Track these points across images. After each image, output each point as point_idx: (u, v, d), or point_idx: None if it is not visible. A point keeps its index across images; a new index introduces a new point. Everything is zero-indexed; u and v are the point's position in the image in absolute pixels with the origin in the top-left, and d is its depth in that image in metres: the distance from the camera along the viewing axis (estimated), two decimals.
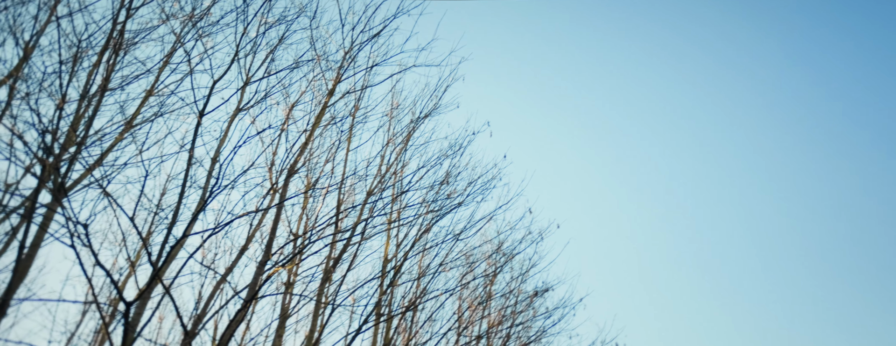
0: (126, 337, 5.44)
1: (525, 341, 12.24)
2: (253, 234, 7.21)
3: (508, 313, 11.80)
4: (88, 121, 7.69)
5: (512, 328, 11.68)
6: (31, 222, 6.43)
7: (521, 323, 12.20)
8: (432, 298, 8.93)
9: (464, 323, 9.89)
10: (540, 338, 12.41)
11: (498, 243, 11.47)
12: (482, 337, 10.90)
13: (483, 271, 10.92)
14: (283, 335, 7.00)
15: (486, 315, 11.07)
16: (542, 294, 13.01)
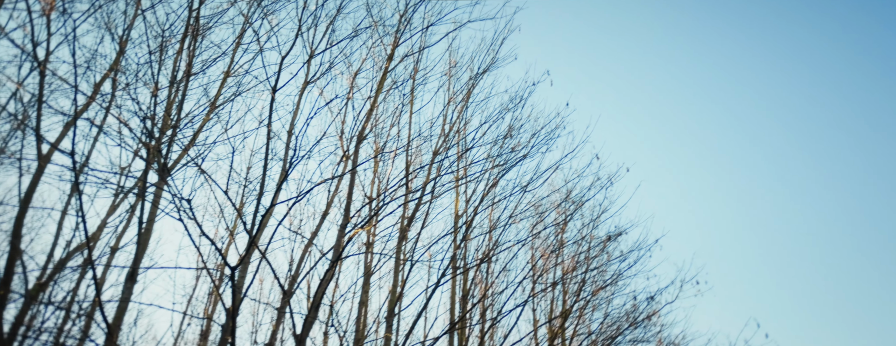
0: (234, 297, 6.10)
1: (601, 284, 12.40)
2: (331, 199, 7.70)
3: (582, 259, 11.96)
4: (179, 105, 8.34)
5: (586, 273, 11.85)
6: (145, 199, 7.20)
7: (596, 268, 12.33)
8: (505, 249, 9.23)
9: (538, 271, 10.18)
10: (616, 281, 12.52)
11: (566, 191, 11.52)
12: (557, 283, 11.19)
13: (553, 220, 11.07)
14: (369, 291, 7.57)
15: (560, 262, 11.30)
16: (614, 239, 13.02)
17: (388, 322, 7.29)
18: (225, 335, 5.99)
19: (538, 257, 10.42)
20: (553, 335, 10.93)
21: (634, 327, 11.84)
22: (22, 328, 6.06)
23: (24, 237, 6.44)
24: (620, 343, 12.07)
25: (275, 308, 7.44)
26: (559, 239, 11.21)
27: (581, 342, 11.89)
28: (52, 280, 6.52)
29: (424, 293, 7.63)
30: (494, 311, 9.24)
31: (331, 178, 7.38)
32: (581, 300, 11.28)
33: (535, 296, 10.57)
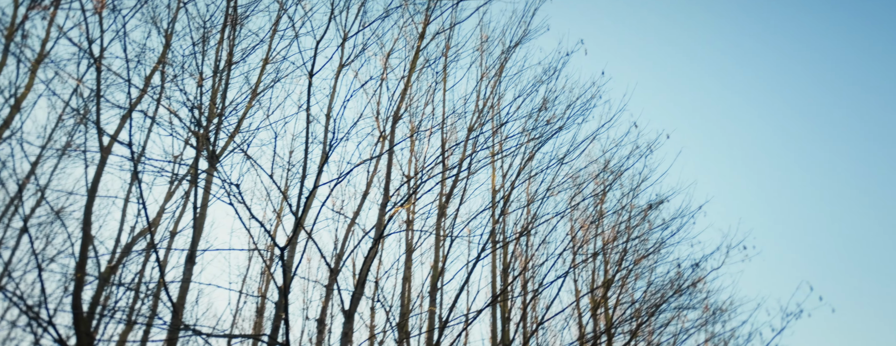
0: (285, 276, 6.44)
1: (643, 253, 12.33)
2: (371, 179, 7.92)
3: (622, 228, 11.90)
4: (223, 93, 8.67)
5: (628, 243, 11.80)
6: (197, 185, 7.60)
7: (637, 237, 12.24)
8: (543, 222, 9.30)
9: (578, 243, 10.22)
10: (658, 249, 12.40)
11: (604, 161, 11.40)
12: (598, 254, 11.20)
13: (592, 191, 11.01)
14: (411, 267, 7.81)
15: (600, 233, 11.29)
16: (656, 207, 12.85)
17: (432, 297, 7.54)
18: (279, 311, 6.35)
19: (578, 228, 10.44)
20: (596, 305, 11.01)
21: (679, 294, 11.76)
22: (98, 308, 6.59)
23: (93, 224, 6.94)
24: (665, 311, 12.01)
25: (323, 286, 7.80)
26: (599, 210, 11.18)
27: (624, 311, 11.94)
28: (121, 263, 7.04)
29: (465, 267, 7.82)
30: (535, 283, 9.38)
31: (369, 158, 7.58)
32: (623, 269, 11.27)
33: (575, 267, 10.64)
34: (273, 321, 6.26)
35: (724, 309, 13.29)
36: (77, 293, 6.43)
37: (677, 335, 12.18)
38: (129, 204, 7.69)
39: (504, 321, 8.59)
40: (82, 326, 6.23)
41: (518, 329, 8.70)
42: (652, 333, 12.49)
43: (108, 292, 6.80)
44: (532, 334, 8.89)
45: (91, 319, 6.33)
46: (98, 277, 6.68)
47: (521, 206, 9.08)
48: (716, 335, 13.16)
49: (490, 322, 8.70)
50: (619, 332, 11.34)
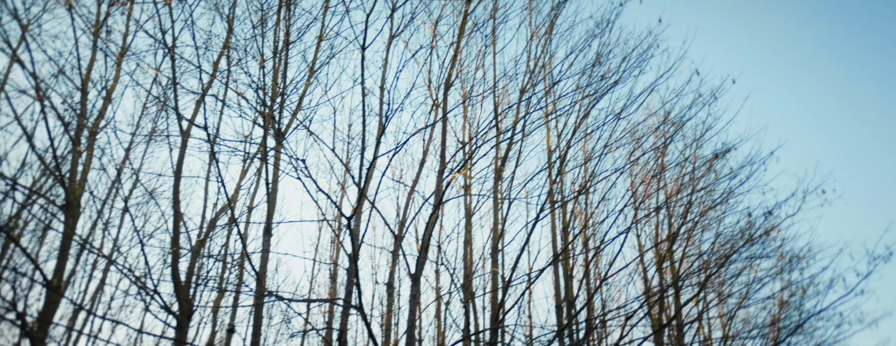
0: (353, 244, 6.76)
1: (709, 204, 11.87)
2: (427, 147, 8.02)
3: (686, 180, 11.46)
4: (283, 73, 8.96)
5: (692, 195, 11.37)
6: (267, 162, 8.01)
7: (703, 188, 11.76)
8: (602, 179, 9.12)
9: (639, 198, 9.97)
10: (726, 199, 11.89)
11: (664, 113, 10.90)
12: (661, 208, 10.90)
13: (651, 144, 10.61)
14: (471, 230, 7.95)
15: (662, 187, 10.94)
16: (722, 156, 12.24)
17: (493, 258, 7.67)
18: (350, 277, 6.70)
19: (638, 183, 10.17)
20: (661, 259, 10.81)
21: (751, 244, 11.30)
22: (193, 277, 7.21)
23: (181, 203, 7.51)
24: (736, 261, 11.61)
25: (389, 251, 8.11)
26: (660, 163, 10.79)
27: (692, 264, 11.65)
28: (208, 237, 7.62)
29: (525, 228, 7.85)
30: (597, 240, 9.31)
31: (424, 127, 7.66)
32: (688, 222, 10.93)
33: (638, 222, 10.42)
34: (346, 286, 6.62)
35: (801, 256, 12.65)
36: (174, 264, 7.06)
37: (750, 285, 11.77)
38: (209, 183, 8.23)
39: (567, 278, 8.63)
40: (182, 293, 6.87)
41: (581, 286, 8.73)
42: (722, 284, 12.15)
43: (199, 263, 7.41)
44: (596, 290, 8.90)
45: (188, 287, 6.96)
46: (190, 250, 7.28)
47: (578, 164, 8.92)
48: (793, 283, 12.58)
49: (552, 280, 8.77)
50: (686, 285, 11.12)
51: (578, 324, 8.73)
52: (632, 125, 10.19)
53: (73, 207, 7.64)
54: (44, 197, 8.12)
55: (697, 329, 11.61)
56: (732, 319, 11.72)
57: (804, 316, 11.65)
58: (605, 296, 9.64)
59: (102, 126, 8.92)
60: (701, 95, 11.00)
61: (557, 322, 8.59)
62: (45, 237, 8.73)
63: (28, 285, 7.82)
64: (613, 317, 9.66)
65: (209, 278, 7.38)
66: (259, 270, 6.78)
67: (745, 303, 11.58)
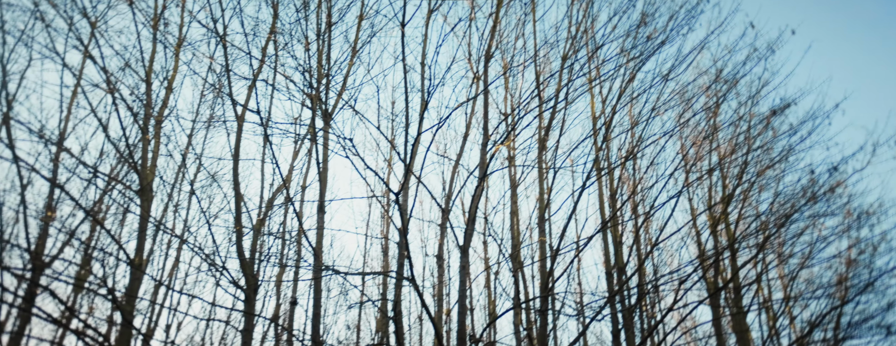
0: (402, 218, 6.86)
1: (767, 163, 11.25)
2: (469, 121, 7.94)
3: (741, 140, 10.86)
4: (327, 54, 9.03)
5: (748, 155, 10.79)
6: (317, 143, 8.18)
7: (759, 147, 11.14)
8: (650, 143, 8.79)
9: (689, 161, 9.56)
10: (786, 157, 11.23)
11: (716, 71, 10.27)
12: (714, 170, 10.42)
13: (702, 105, 10.08)
14: (517, 201, 7.88)
15: (715, 148, 10.42)
16: (780, 112, 11.50)
17: (540, 227, 7.61)
18: (401, 250, 6.83)
19: (689, 146, 9.72)
20: (715, 222, 10.41)
21: (813, 202, 10.69)
22: (256, 254, 7.57)
23: (241, 184, 7.83)
24: (797, 221, 11.02)
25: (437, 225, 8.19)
26: (712, 124, 10.25)
27: (748, 225, 11.17)
28: (267, 216, 7.94)
29: (571, 197, 7.73)
30: (646, 206, 9.04)
31: (466, 101, 7.56)
32: (744, 182, 10.42)
33: (689, 186, 10.03)
34: (397, 259, 6.76)
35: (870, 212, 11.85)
36: (239, 242, 7.41)
37: (813, 245, 11.17)
38: (264, 164, 8.51)
39: (616, 244, 8.47)
40: (247, 269, 7.24)
41: (631, 252, 8.55)
42: (782, 244, 11.60)
43: (261, 240, 7.76)
44: (647, 255, 8.70)
45: (253, 263, 7.31)
46: (252, 228, 7.62)
47: (625, 130, 8.61)
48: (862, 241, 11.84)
49: (602, 247, 8.63)
50: (743, 247, 10.70)
51: (630, 290, 8.59)
52: (681, 86, 9.70)
53: (146, 191, 8.11)
54: (121, 183, 8.66)
55: (756, 291, 11.19)
56: (794, 279, 11.21)
57: (875, 274, 10.97)
58: (656, 261, 9.42)
59: (166, 115, 9.34)
60: (756, 50, 10.28)
61: (608, 288, 8.49)
62: (125, 220, 9.37)
63: (114, 263, 8.45)
64: (666, 282, 9.45)
65: (271, 255, 7.75)
66: (316, 246, 7.02)
67: (809, 263, 11.03)
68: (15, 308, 7.70)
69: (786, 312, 11.27)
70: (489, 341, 8.32)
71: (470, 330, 8.80)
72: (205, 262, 7.19)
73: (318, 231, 7.11)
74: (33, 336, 6.91)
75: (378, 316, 9.24)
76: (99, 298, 8.45)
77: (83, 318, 7.63)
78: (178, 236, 7.60)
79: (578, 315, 8.27)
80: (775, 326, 11.05)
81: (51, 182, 8.57)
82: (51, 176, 8.71)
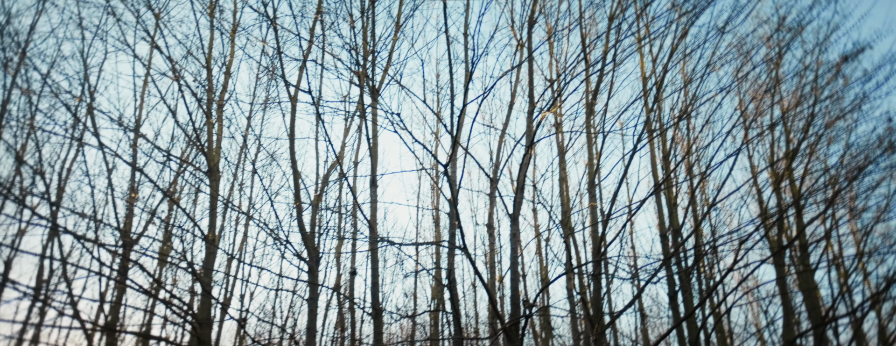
0: (451, 189, 6.85)
1: (837, 114, 10.36)
2: (515, 89, 7.71)
3: (807, 91, 10.00)
4: (372, 31, 8.97)
5: (815, 106, 9.95)
6: (366, 119, 8.22)
7: (828, 97, 10.25)
8: (705, 101, 8.26)
9: (748, 117, 8.93)
10: (859, 106, 10.29)
11: (778, 19, 9.42)
12: (776, 124, 9.69)
13: (763, 56, 9.31)
14: (566, 168, 7.65)
15: (777, 101, 9.65)
16: (853, 58, 10.47)
17: (590, 193, 7.39)
18: (452, 220, 6.85)
19: (748, 101, 9.06)
20: (778, 179, 9.77)
21: (890, 152, 9.82)
22: (316, 228, 7.83)
23: (297, 162, 8.05)
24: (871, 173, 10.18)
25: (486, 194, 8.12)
26: (773, 76, 9.47)
27: (815, 180, 10.42)
28: (323, 192, 8.15)
29: (622, 161, 7.44)
30: (702, 166, 8.58)
31: (510, 69, 7.33)
32: (810, 136, 9.67)
33: (748, 143, 9.40)
34: (449, 229, 6.80)
35: None
36: (299, 217, 7.68)
37: (890, 197, 10.32)
38: (318, 142, 8.67)
39: (671, 207, 8.13)
40: (309, 242, 7.51)
41: (687, 214, 8.19)
42: (854, 199, 10.79)
43: (319, 215, 8.00)
44: (704, 217, 8.31)
45: (313, 236, 7.57)
46: (310, 203, 7.85)
47: (677, 89, 8.11)
48: None
49: (655, 210, 8.31)
50: (809, 203, 10.02)
51: (686, 252, 8.28)
52: (738, 39, 8.97)
53: (214, 172, 8.49)
54: (191, 165, 9.11)
55: (825, 248, 10.53)
56: (869, 234, 10.45)
57: None
58: (714, 222, 9.00)
59: (227, 99, 9.65)
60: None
61: (663, 251, 8.22)
62: (197, 199, 9.90)
63: (191, 239, 9.00)
64: (725, 242, 9.04)
65: (329, 228, 7.99)
66: (370, 218, 7.16)
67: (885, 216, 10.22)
68: (112, 280, 8.40)
69: (859, 268, 10.56)
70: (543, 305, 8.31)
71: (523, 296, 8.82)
72: (270, 236, 7.51)
73: (371, 204, 7.23)
74: (129, 305, 7.53)
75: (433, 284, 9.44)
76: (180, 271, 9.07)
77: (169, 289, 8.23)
78: (245, 213, 7.96)
79: (633, 278, 8.09)
80: (847, 283, 10.40)
81: (132, 166, 9.14)
82: (131, 160, 9.28)
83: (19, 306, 9.93)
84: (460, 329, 6.58)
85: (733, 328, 10.55)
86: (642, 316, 9.72)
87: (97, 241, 7.95)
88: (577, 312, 8.12)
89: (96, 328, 7.47)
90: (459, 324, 6.57)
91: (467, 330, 9.72)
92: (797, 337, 9.03)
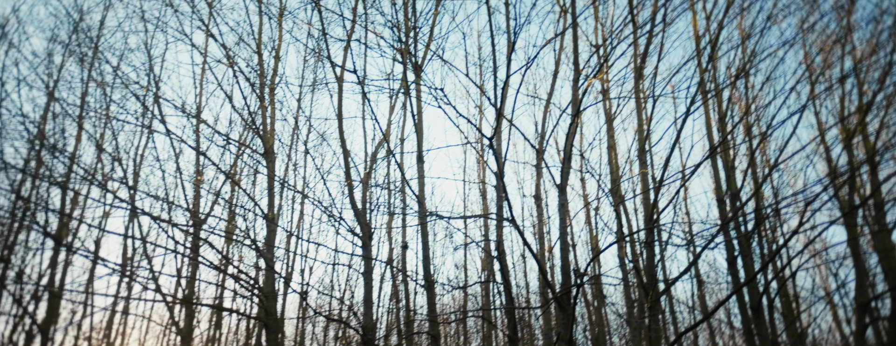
0: (497, 162, 6.74)
1: None
2: (559, 58, 7.38)
3: (884, 38, 9.01)
4: (413, 6, 8.80)
5: (893, 53, 8.97)
6: (410, 95, 8.16)
7: None
8: (765, 57, 7.63)
9: (815, 70, 8.18)
10: None
11: None
12: (847, 76, 8.83)
13: (832, 4, 8.42)
14: (614, 135, 7.32)
15: (849, 52, 8.76)
16: None
17: (641, 159, 7.07)
18: (499, 192, 6.76)
19: (815, 53, 8.27)
20: (849, 135, 8.97)
21: None
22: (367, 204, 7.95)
23: (346, 141, 8.14)
24: None
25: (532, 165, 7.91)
26: (844, 25, 8.57)
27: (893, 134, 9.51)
28: (372, 169, 8.23)
29: (674, 125, 7.04)
30: (762, 126, 7.98)
31: (553, 37, 7.00)
32: (887, 86, 8.77)
33: (815, 98, 8.65)
34: (496, 202, 6.71)
35: None
36: (351, 194, 7.81)
37: None
38: (365, 121, 8.71)
39: (728, 170, 7.66)
40: (361, 218, 7.65)
41: (746, 176, 7.70)
42: None
43: (369, 192, 8.11)
44: (765, 178, 7.79)
45: (365, 213, 7.71)
46: (361, 181, 7.96)
47: (734, 46, 7.51)
48: None
49: (711, 174, 7.86)
50: (886, 159, 9.20)
51: (745, 216, 7.83)
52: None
53: (270, 153, 8.74)
54: (248, 147, 9.42)
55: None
56: None
57: None
58: (776, 183, 8.42)
59: (278, 82, 9.83)
60: None
61: (720, 216, 7.81)
62: (256, 180, 10.28)
63: (253, 218, 9.39)
64: (789, 204, 8.47)
65: (379, 204, 8.11)
66: (419, 193, 7.18)
67: None
68: (186, 257, 8.95)
69: None
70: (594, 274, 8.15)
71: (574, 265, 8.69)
72: (324, 213, 7.71)
73: (419, 180, 7.23)
74: (202, 280, 8.01)
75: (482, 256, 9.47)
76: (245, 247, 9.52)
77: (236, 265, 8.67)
78: (300, 192, 8.18)
79: (688, 245, 7.77)
80: None
81: (196, 151, 9.56)
82: (195, 145, 9.70)
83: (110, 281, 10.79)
84: (512, 299, 6.57)
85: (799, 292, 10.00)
86: (699, 283, 9.37)
87: (171, 221, 8.43)
88: (629, 280, 7.92)
89: (176, 300, 8.01)
90: (510, 294, 6.56)
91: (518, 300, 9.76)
92: (872, 300, 8.44)
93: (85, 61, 11.31)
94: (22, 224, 10.05)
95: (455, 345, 11.51)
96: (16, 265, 9.67)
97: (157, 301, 7.67)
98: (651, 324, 6.30)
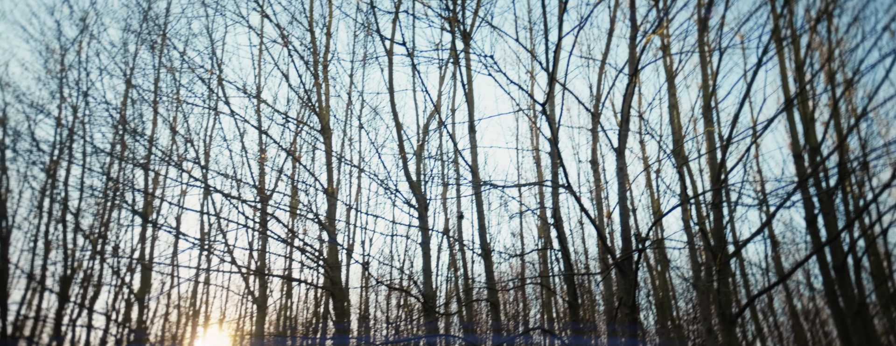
0: (551, 128, 6.43)
1: None
2: (614, 15, 6.82)
3: None
4: None
5: None
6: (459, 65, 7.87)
7: None
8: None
9: None
10: None
11: None
12: None
13: None
14: (676, 93, 6.75)
15: None
16: None
17: (706, 117, 6.49)
18: (553, 159, 6.47)
19: None
20: None
21: None
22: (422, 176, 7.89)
23: (398, 114, 8.04)
24: None
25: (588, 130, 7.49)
26: None
27: None
28: (425, 141, 8.11)
29: (743, 78, 6.41)
30: (847, 73, 7.10)
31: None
32: None
33: None
34: (551, 169, 6.44)
35: None
36: (405, 167, 7.77)
37: None
38: (416, 93, 8.55)
39: (806, 123, 6.93)
40: (416, 190, 7.61)
41: (828, 129, 6.94)
42: None
43: (423, 163, 8.02)
44: (850, 130, 6.99)
45: (420, 184, 7.65)
46: (414, 153, 7.88)
47: None
48: None
49: (786, 128, 7.13)
50: None
51: (827, 171, 7.11)
52: None
53: (326, 129, 8.82)
54: (306, 124, 9.55)
55: None
56: None
57: None
58: (864, 134, 7.55)
59: (330, 59, 9.82)
60: None
61: (798, 172, 7.12)
62: (314, 156, 10.46)
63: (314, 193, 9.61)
64: (880, 156, 7.60)
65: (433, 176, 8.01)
66: (472, 163, 7.01)
67: None
68: (256, 231, 9.34)
69: None
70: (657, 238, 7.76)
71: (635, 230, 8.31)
72: (381, 186, 7.73)
73: (471, 150, 7.05)
74: (272, 253, 8.36)
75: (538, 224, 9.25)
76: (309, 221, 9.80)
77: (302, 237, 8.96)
78: (357, 166, 8.23)
79: (761, 204, 7.18)
80: None
81: (258, 130, 9.81)
82: (257, 125, 9.96)
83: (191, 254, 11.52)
84: (570, 266, 6.37)
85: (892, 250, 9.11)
86: (774, 244, 8.73)
87: (240, 197, 8.77)
88: (695, 243, 7.47)
89: (250, 272, 8.41)
90: (569, 261, 6.35)
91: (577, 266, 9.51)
92: None
93: (155, 48, 11.78)
94: (114, 203, 10.84)
95: (515, 312, 11.55)
96: (112, 241, 10.50)
97: (233, 273, 8.11)
98: (721, 287, 5.92)
